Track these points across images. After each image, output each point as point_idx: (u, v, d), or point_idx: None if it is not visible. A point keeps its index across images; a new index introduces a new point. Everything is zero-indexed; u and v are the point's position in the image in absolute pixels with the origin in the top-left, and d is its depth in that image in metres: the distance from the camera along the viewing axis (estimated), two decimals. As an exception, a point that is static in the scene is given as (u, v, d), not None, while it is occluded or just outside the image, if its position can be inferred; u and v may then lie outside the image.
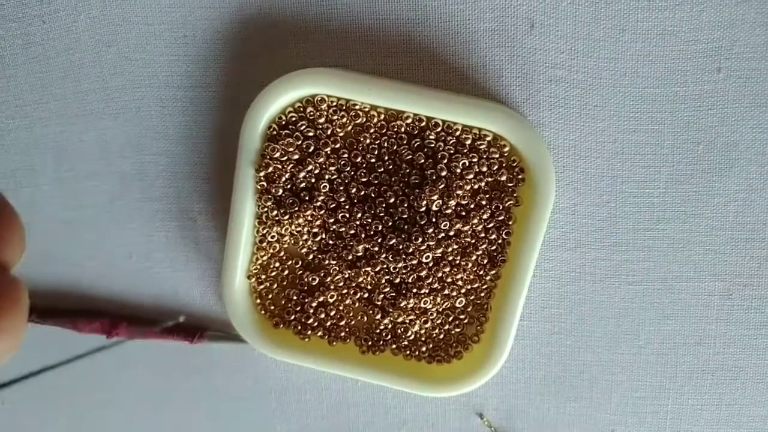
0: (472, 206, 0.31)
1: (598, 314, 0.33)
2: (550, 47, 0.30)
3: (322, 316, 0.34)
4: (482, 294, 0.33)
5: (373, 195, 0.32)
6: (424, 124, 0.31)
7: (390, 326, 0.33)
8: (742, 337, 0.33)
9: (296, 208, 0.32)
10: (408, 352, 0.34)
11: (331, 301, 0.33)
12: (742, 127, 0.30)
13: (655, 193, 0.32)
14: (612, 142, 0.31)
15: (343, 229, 0.32)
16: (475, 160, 0.31)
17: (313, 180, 0.32)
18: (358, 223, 0.32)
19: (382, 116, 0.31)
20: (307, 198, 0.32)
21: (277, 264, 0.34)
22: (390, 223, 0.32)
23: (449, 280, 0.32)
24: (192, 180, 0.34)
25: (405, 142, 0.31)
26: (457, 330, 0.33)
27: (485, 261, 0.32)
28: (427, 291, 0.32)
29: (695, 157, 0.31)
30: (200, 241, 0.35)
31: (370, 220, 0.32)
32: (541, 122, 0.31)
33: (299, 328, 0.34)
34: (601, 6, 0.30)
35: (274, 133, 0.31)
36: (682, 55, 0.30)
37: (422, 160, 0.31)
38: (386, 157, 0.31)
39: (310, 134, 0.31)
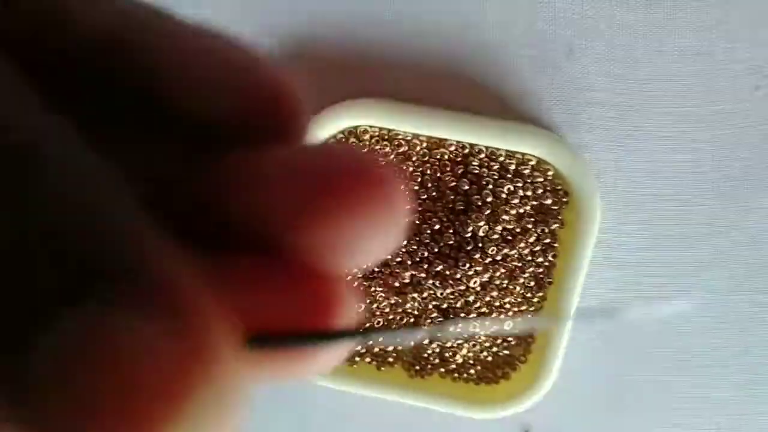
0: (517, 230, 0.32)
1: (645, 330, 0.34)
2: (589, 71, 0.31)
3: (370, 342, 0.34)
4: (529, 315, 0.33)
5: (417, 222, 0.32)
6: (467, 150, 0.31)
7: (437, 350, 0.34)
8: (786, 347, 0.33)
9: (342, 238, 0.32)
10: (456, 374, 0.34)
11: (377, 326, 0.34)
12: (782, 142, 0.31)
13: (697, 210, 0.32)
14: (652, 162, 0.32)
15: (389, 256, 0.32)
16: (519, 184, 0.31)
17: (358, 210, 0.32)
18: (403, 250, 0.32)
19: (425, 144, 0.31)
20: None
21: (323, 292, 0.34)
22: (436, 250, 0.32)
23: (497, 304, 0.32)
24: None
25: (448, 168, 0.31)
26: (505, 351, 0.34)
27: (532, 283, 0.32)
28: (474, 315, 0.33)
29: (736, 174, 0.31)
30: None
31: (415, 247, 0.32)
32: (583, 145, 0.32)
33: (347, 354, 0.34)
34: (639, 28, 0.30)
35: (319, 165, 0.32)
36: (720, 75, 0.30)
37: (466, 187, 0.31)
38: (429, 185, 0.32)
39: (354, 165, 0.32)
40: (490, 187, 0.31)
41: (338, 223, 0.09)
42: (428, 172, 0.32)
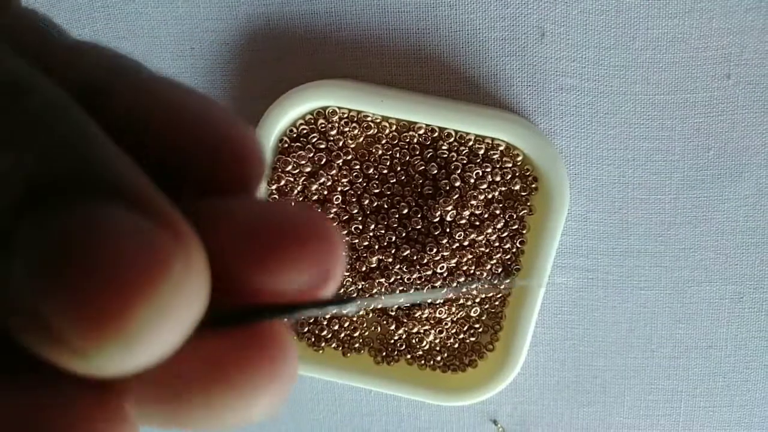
0: (485, 216, 0.31)
1: (611, 319, 0.34)
2: (561, 56, 0.30)
3: (336, 327, 0.34)
4: (496, 303, 0.33)
5: (386, 206, 0.32)
6: (436, 134, 0.31)
7: (404, 336, 0.33)
8: (752, 339, 0.33)
9: (309, 221, 0.32)
10: (423, 361, 0.34)
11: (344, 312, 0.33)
12: (752, 132, 0.31)
13: (666, 198, 0.32)
14: (623, 149, 0.31)
15: (357, 240, 0.32)
16: (488, 169, 0.31)
17: (325, 192, 0.32)
18: (371, 234, 0.32)
19: (394, 127, 0.31)
20: (319, 210, 0.32)
21: (290, 276, 0.34)
22: (403, 234, 0.32)
23: (464, 290, 0.32)
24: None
25: (417, 152, 0.31)
26: (472, 339, 0.33)
27: (499, 270, 0.32)
28: (441, 301, 0.32)
29: (706, 163, 0.31)
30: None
31: (383, 232, 0.32)
32: (553, 130, 0.31)
33: (313, 340, 0.34)
34: (612, 14, 0.30)
35: (286, 146, 0.31)
36: (692, 62, 0.30)
37: (435, 171, 0.31)
38: (399, 168, 0.31)
39: (322, 146, 0.31)
40: (459, 171, 0.31)
41: (289, 268, 0.10)
42: (397, 155, 0.31)
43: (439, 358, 0.34)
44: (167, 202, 0.09)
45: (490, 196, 0.31)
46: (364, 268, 0.32)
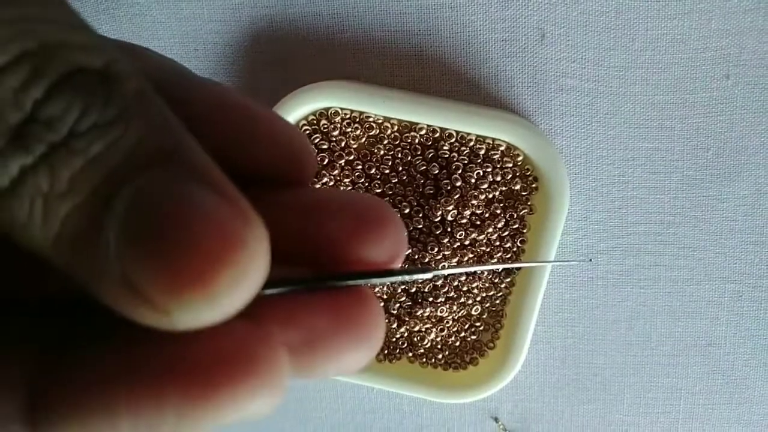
0: (486, 215, 0.32)
1: (611, 318, 0.34)
2: (561, 57, 0.31)
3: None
4: (497, 301, 0.33)
5: (387, 206, 0.32)
6: (437, 135, 0.31)
7: (406, 335, 0.34)
8: (752, 337, 0.33)
9: (312, 221, 0.32)
10: (424, 359, 0.34)
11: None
12: (751, 132, 0.31)
13: (666, 198, 0.32)
14: (623, 149, 0.32)
15: (359, 240, 0.32)
16: (489, 169, 0.31)
17: (328, 192, 0.32)
18: (373, 233, 0.32)
19: (396, 128, 0.31)
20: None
21: (293, 275, 0.34)
22: (405, 234, 0.32)
23: (465, 288, 0.32)
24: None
25: (419, 153, 0.31)
26: (473, 337, 0.34)
27: (500, 269, 0.32)
28: (443, 300, 0.33)
29: (705, 163, 0.31)
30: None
31: (385, 231, 0.32)
32: (553, 131, 0.32)
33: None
34: (611, 15, 0.30)
35: (289, 146, 0.31)
36: (692, 63, 0.30)
37: (436, 171, 0.31)
38: (400, 168, 0.32)
39: (325, 147, 0.32)
40: (460, 171, 0.31)
41: (374, 241, 0.13)
42: (399, 155, 0.32)
43: (440, 356, 0.34)
44: (237, 189, 0.10)
45: (490, 196, 0.31)
46: (366, 267, 0.33)
